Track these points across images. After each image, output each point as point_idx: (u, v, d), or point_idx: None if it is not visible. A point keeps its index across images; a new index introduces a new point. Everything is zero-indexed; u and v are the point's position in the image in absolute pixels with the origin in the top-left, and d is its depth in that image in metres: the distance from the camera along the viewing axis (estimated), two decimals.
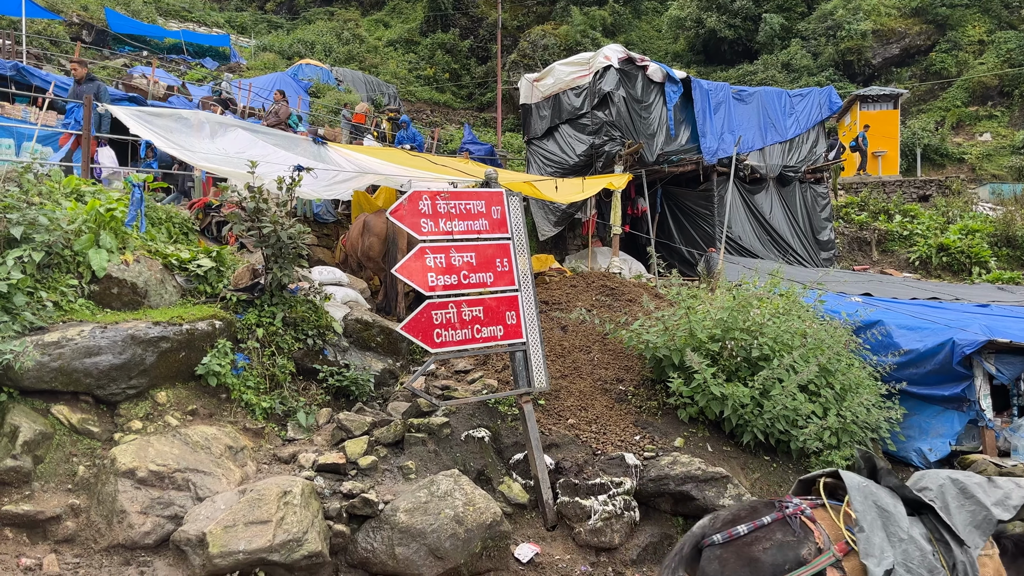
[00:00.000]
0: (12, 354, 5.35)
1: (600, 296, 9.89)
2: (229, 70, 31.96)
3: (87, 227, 6.87)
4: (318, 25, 42.91)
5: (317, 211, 13.27)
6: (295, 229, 7.37)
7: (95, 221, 7.00)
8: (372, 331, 8.27)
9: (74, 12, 32.03)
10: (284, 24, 44.86)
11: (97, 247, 6.81)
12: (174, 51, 33.31)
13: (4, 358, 5.29)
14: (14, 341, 5.52)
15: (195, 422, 6.30)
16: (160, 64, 27.45)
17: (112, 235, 7.03)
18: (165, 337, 6.30)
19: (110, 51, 30.88)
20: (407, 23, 44.00)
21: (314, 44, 39.58)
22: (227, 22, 43.57)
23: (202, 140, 9.87)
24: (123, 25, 32.17)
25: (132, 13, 35.39)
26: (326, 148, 11.48)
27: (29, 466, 5.28)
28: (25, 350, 5.46)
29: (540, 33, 35.92)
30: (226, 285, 7.49)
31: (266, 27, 44.37)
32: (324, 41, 40.03)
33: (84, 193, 7.75)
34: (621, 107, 13.99)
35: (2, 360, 5.28)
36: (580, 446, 6.80)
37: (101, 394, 5.98)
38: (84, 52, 27.52)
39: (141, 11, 36.81)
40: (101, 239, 6.87)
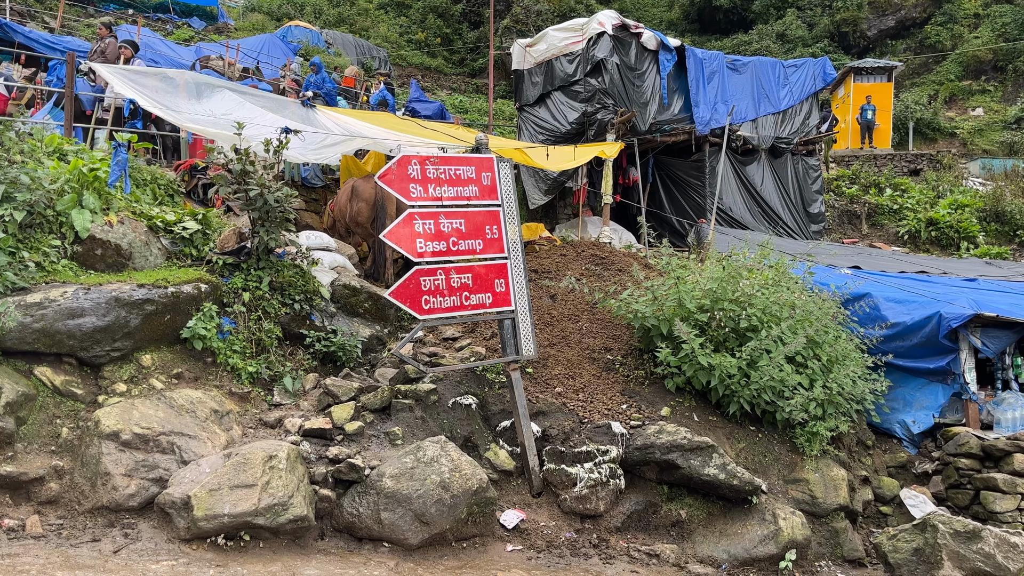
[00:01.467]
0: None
1: (590, 265, 9.86)
2: (216, 31, 31.40)
3: (70, 187, 6.76)
4: None
5: (305, 175, 13.12)
6: (282, 192, 7.28)
7: (78, 181, 6.88)
8: (360, 297, 8.22)
9: None
10: None
11: (80, 207, 6.70)
12: (160, 10, 32.61)
13: None
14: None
15: (180, 385, 6.26)
16: (146, 23, 26.91)
17: (96, 195, 6.92)
18: (150, 300, 6.23)
19: (95, 8, 30.20)
20: None
21: (304, 5, 38.85)
22: None
23: (188, 101, 9.69)
24: None
25: None
26: (315, 111, 11.30)
27: (12, 427, 5.23)
28: (7, 311, 5.39)
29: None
30: (212, 248, 7.42)
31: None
32: (314, 3, 39.30)
33: (67, 152, 7.61)
34: (614, 74, 13.83)
35: None
36: (567, 414, 6.81)
37: (85, 356, 5.93)
38: (68, 9, 26.97)
39: None
40: (84, 199, 6.76)
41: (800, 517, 6.51)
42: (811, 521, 6.72)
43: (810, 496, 6.91)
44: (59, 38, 17.18)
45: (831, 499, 6.94)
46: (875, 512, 7.79)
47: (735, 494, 6.40)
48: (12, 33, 16.15)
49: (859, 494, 7.46)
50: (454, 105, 31.89)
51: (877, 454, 8.44)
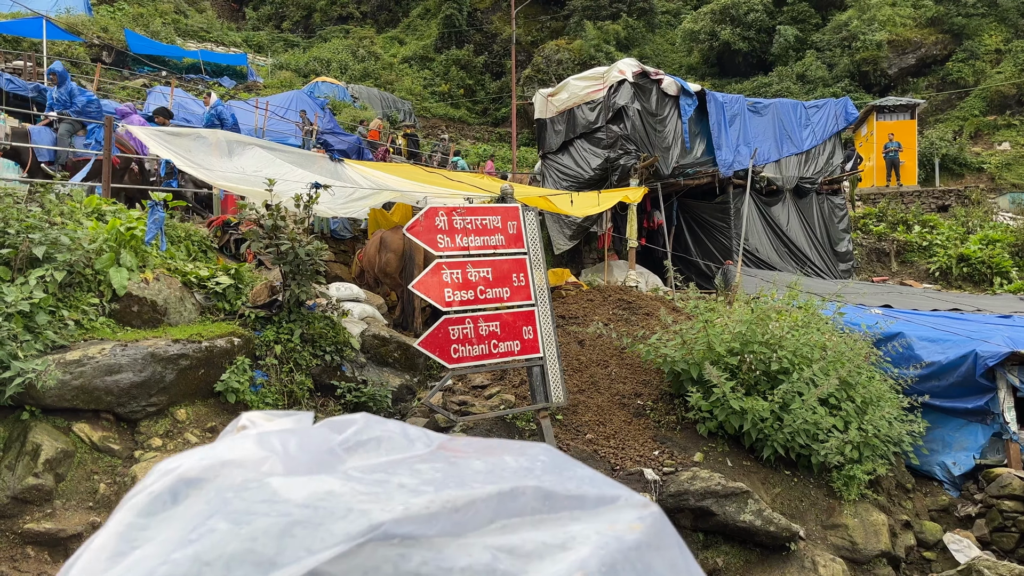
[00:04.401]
0: (35, 373, 5.40)
1: (617, 310, 9.86)
2: (246, 89, 32.31)
3: (108, 246, 6.95)
4: (334, 43, 43.30)
5: (334, 228, 13.34)
6: (313, 246, 7.41)
7: (116, 240, 7.08)
8: (389, 347, 8.29)
9: (94, 34, 32.51)
10: (300, 43, 45.33)
11: (118, 266, 6.88)
12: (192, 71, 33.72)
13: (27, 377, 5.34)
14: (36, 360, 5.57)
15: (214, 439, 6.31)
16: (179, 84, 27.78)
17: (132, 254, 7.10)
18: (184, 355, 6.34)
19: (130, 72, 31.30)
20: (422, 40, 44.32)
21: (330, 62, 39.94)
22: (244, 41, 44.07)
23: (220, 159, 9.96)
24: (142, 46, 32.60)
25: (151, 34, 35.89)
26: (343, 165, 11.55)
27: (51, 484, 5.32)
28: (47, 369, 5.51)
29: (554, 48, 36.09)
30: (244, 302, 7.55)
31: (283, 46, 44.86)
32: (340, 59, 40.38)
33: (105, 212, 7.84)
34: (636, 120, 14.00)
35: (25, 379, 5.33)
36: (598, 461, 6.76)
37: (122, 412, 6.02)
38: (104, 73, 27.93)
39: (160, 32, 37.29)
40: (122, 258, 6.94)
41: (841, 564, 6.37)
42: (852, 568, 6.57)
43: (850, 542, 6.76)
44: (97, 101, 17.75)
45: (872, 545, 6.78)
46: (918, 558, 7.59)
47: (772, 541, 6.28)
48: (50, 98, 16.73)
49: (901, 539, 7.29)
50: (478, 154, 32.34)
51: (918, 497, 8.26)
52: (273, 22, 48.24)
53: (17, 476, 5.22)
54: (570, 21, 39.35)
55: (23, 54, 26.45)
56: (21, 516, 5.19)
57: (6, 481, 5.20)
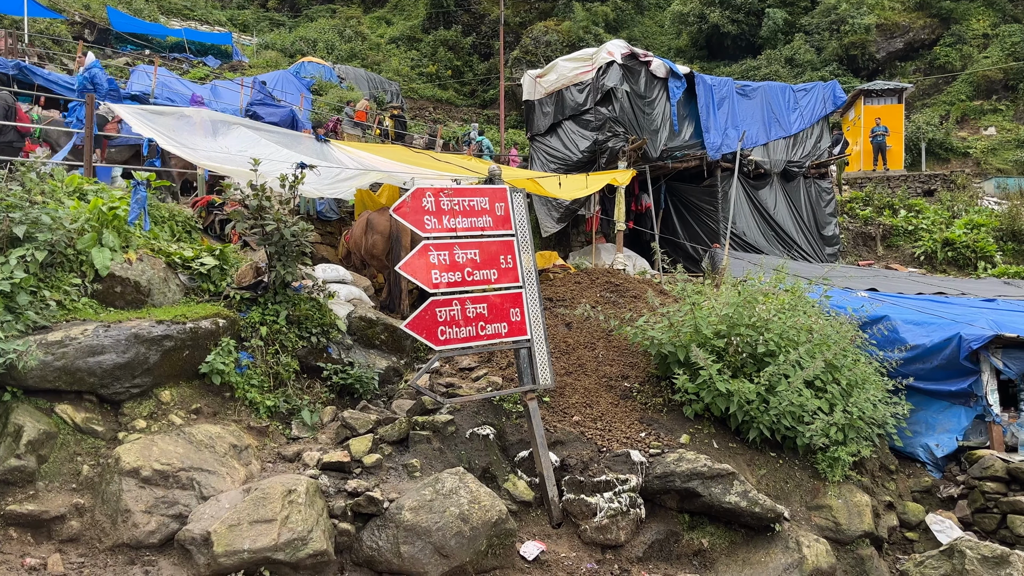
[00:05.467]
0: (15, 353, 5.34)
1: (605, 293, 9.86)
2: (231, 68, 31.92)
3: (90, 226, 6.85)
4: (320, 23, 42.85)
5: (320, 209, 13.25)
6: (298, 227, 7.35)
7: (98, 220, 6.98)
8: (376, 329, 8.25)
9: (76, 11, 32.01)
10: (286, 22, 44.83)
11: (100, 246, 6.79)
12: (176, 49, 33.27)
13: (7, 358, 5.28)
14: (17, 340, 5.50)
15: (199, 421, 6.28)
16: (163, 63, 27.41)
17: (115, 234, 7.01)
18: (168, 336, 6.28)
19: (112, 50, 30.84)
20: (409, 20, 43.93)
21: (316, 42, 39.52)
22: (229, 20, 43.52)
23: (205, 138, 9.85)
24: (125, 24, 32.15)
25: (134, 12, 35.36)
26: (329, 146, 11.46)
27: (33, 466, 5.27)
28: (28, 349, 5.44)
29: (543, 29, 35.87)
30: (229, 283, 7.48)
31: (268, 25, 44.34)
32: (326, 39, 39.97)
33: (87, 192, 7.73)
34: (624, 103, 13.94)
35: (5, 360, 5.26)
36: (585, 443, 6.77)
37: (105, 393, 5.97)
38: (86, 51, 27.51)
39: (143, 10, 36.76)
40: (104, 238, 6.85)
41: (824, 544, 6.42)
42: (836, 548, 6.63)
43: (834, 523, 6.82)
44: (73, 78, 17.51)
45: (855, 525, 6.84)
46: (901, 538, 7.67)
47: (757, 521, 6.32)
48: (32, 76, 16.50)
49: (884, 520, 7.35)
50: None
51: (901, 479, 8.33)
52: (258, 1, 47.67)
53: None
54: (559, 2, 39.09)
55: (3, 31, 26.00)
56: (3, 498, 5.14)
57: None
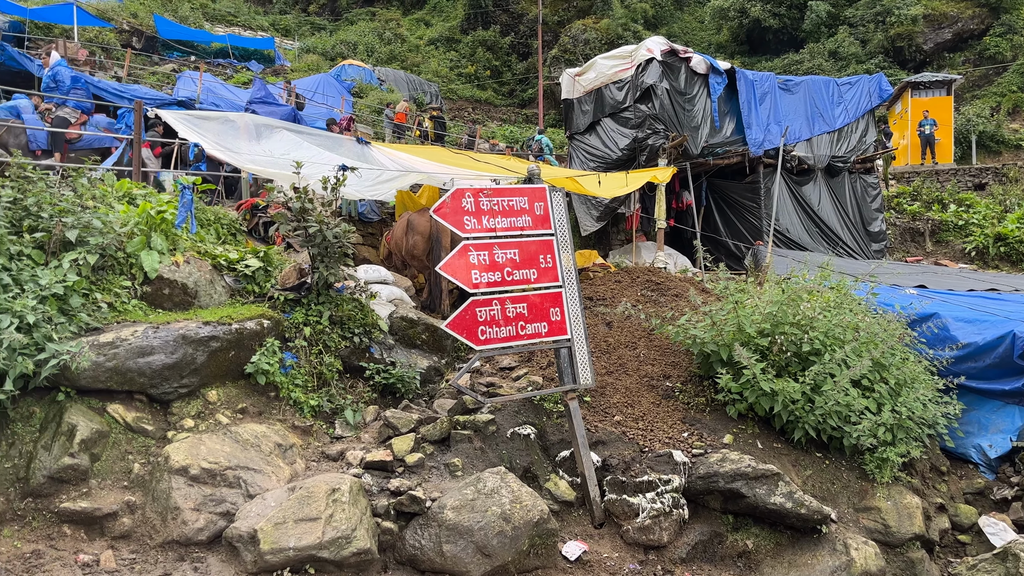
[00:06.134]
0: (69, 355, 5.48)
1: (645, 291, 9.79)
2: (274, 72, 32.43)
3: (139, 229, 7.02)
4: (360, 26, 43.30)
5: (362, 210, 13.38)
6: (340, 228, 7.43)
7: (147, 223, 7.15)
8: (417, 328, 8.30)
9: (124, 19, 32.82)
10: (327, 26, 45.37)
11: (149, 249, 6.95)
12: (220, 55, 33.94)
13: (61, 359, 5.42)
14: (71, 342, 5.65)
15: (245, 420, 6.39)
16: (208, 68, 27.96)
17: (163, 237, 7.17)
18: (215, 336, 6.40)
19: (159, 57, 31.56)
20: (448, 21, 44.15)
21: (356, 45, 39.96)
22: (271, 25, 44.22)
23: (248, 142, 10.01)
24: (171, 31, 32.88)
25: (180, 19, 36.15)
26: (370, 148, 11.55)
27: (86, 464, 5.41)
28: (81, 351, 5.59)
29: (581, 28, 35.75)
30: (273, 285, 7.59)
31: (309, 29, 44.93)
32: (366, 41, 40.39)
33: (136, 196, 7.92)
34: (664, 100, 13.83)
35: (59, 360, 5.41)
36: (627, 443, 6.74)
37: (154, 393, 6.10)
38: (134, 59, 28.18)
39: (189, 17, 37.55)
40: (152, 241, 7.01)
41: (873, 547, 6.29)
42: (885, 551, 6.49)
43: (883, 525, 6.68)
44: (127, 87, 17.97)
45: (905, 528, 6.69)
46: (953, 541, 7.47)
47: (803, 523, 6.22)
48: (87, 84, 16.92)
49: (935, 522, 7.18)
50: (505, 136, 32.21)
51: (952, 480, 8.12)
52: (300, 5, 48.33)
53: (53, 456, 5.31)
54: (597, 0, 38.92)
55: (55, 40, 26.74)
56: (57, 495, 5.29)
57: (43, 461, 5.29)
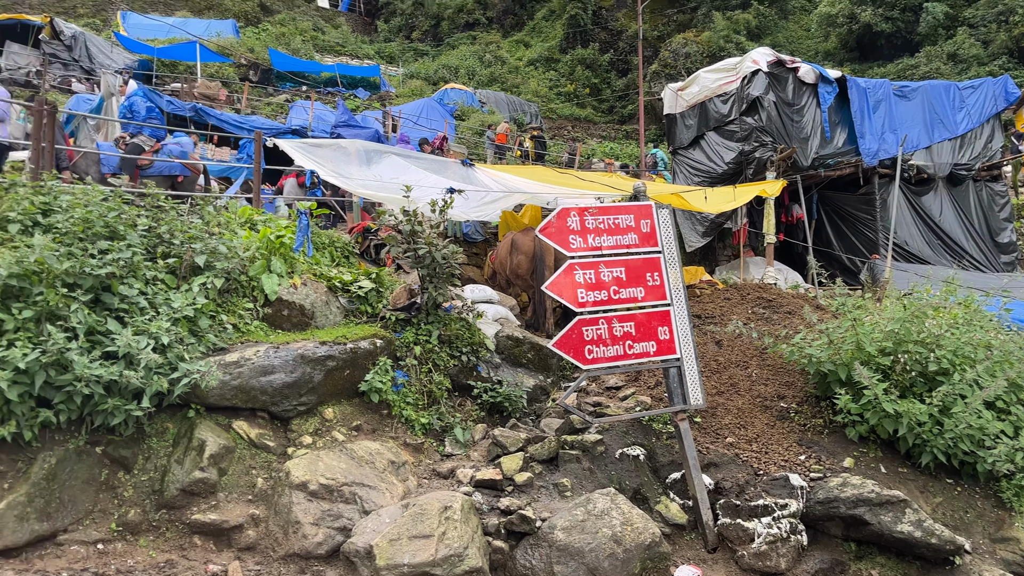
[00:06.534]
0: (199, 373, 5.80)
1: (756, 309, 9.53)
2: (380, 99, 33.52)
3: (260, 254, 7.37)
4: (461, 50, 44.25)
5: (466, 231, 13.61)
6: (449, 250, 7.58)
7: (267, 248, 7.50)
8: (523, 347, 8.36)
9: (242, 54, 34.71)
10: (430, 51, 46.60)
11: (269, 272, 7.29)
12: (329, 84, 35.34)
13: (192, 377, 5.74)
14: (200, 361, 5.98)
15: (359, 437, 6.58)
16: (317, 97, 29.18)
17: (282, 260, 7.50)
18: (331, 356, 6.63)
19: (273, 88, 33.19)
20: (547, 41, 44.55)
21: (458, 68, 40.85)
22: (377, 53, 45.79)
23: (359, 167, 10.37)
24: (285, 63, 34.50)
25: (292, 51, 37.93)
26: (474, 169, 11.76)
27: (215, 478, 5.69)
28: (210, 370, 5.90)
29: (681, 41, 35.37)
30: (385, 305, 7.81)
31: (413, 55, 46.26)
32: (467, 65, 41.23)
33: (256, 222, 8.33)
34: (771, 111, 13.48)
35: (191, 379, 5.73)
36: (740, 466, 6.55)
37: (275, 410, 6.37)
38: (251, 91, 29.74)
39: (300, 49, 39.35)
40: (272, 264, 7.35)
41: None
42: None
43: (1022, 557, 6.22)
44: (246, 118, 19.00)
45: None
46: None
47: (934, 554, 5.86)
48: (206, 116, 18.03)
49: None
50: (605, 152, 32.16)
51: None
52: (403, 33, 49.84)
53: (185, 470, 5.61)
54: (697, 13, 38.44)
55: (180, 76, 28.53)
56: (189, 507, 5.58)
57: (175, 474, 5.61)
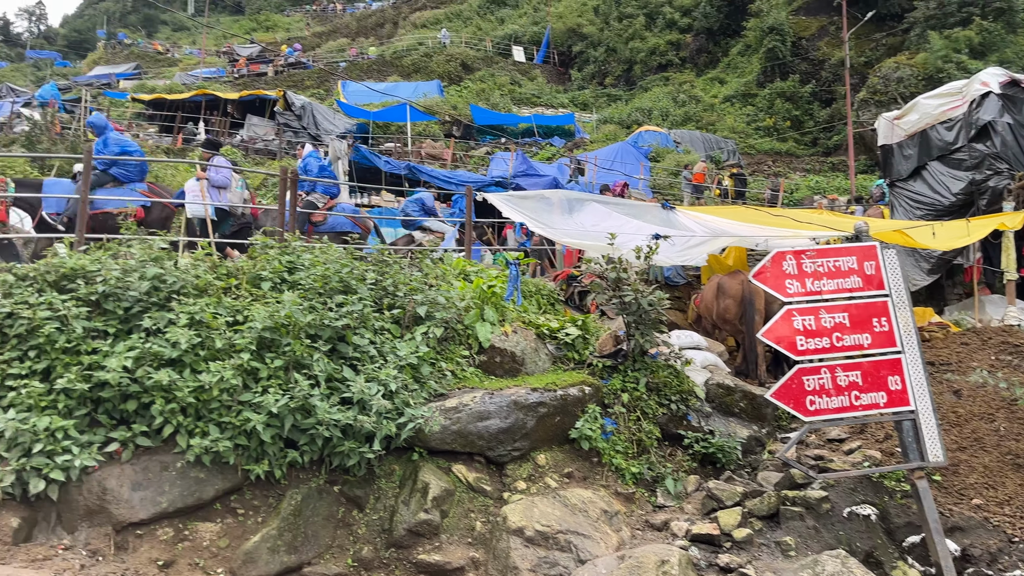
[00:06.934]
0: (423, 419, 6.13)
1: (1000, 355, 8.58)
2: (575, 145, 34.25)
3: (474, 303, 7.73)
4: (654, 92, 44.30)
5: (668, 274, 13.47)
6: (655, 296, 7.53)
7: (480, 298, 7.85)
8: (734, 396, 8.08)
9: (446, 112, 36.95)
10: (622, 96, 47.07)
11: (482, 321, 7.61)
12: (526, 134, 36.67)
13: (417, 422, 6.08)
14: (423, 407, 6.33)
15: (571, 485, 6.62)
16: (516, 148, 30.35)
17: (494, 309, 7.81)
18: (542, 403, 6.77)
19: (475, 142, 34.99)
20: (743, 77, 43.52)
21: (651, 110, 40.88)
22: (571, 101, 46.94)
23: (562, 216, 10.63)
24: (485, 118, 36.31)
25: (491, 106, 39.84)
26: (675, 212, 11.67)
27: (438, 520, 5.96)
28: (432, 415, 6.23)
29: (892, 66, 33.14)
30: (592, 352, 7.88)
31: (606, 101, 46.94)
32: (661, 106, 41.17)
33: (469, 273, 8.75)
34: (1006, 136, 12.25)
35: (416, 424, 6.07)
36: (991, 531, 5.88)
37: (491, 455, 6.58)
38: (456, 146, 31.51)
39: (499, 103, 41.25)
40: (485, 313, 7.67)
41: None
42: None
43: None
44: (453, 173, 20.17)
45: None
46: None
47: None
48: (418, 173, 19.34)
49: None
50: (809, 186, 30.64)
51: None
52: (596, 79, 50.75)
53: (411, 511, 5.93)
54: (910, 34, 35.92)
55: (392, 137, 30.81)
56: (414, 547, 5.87)
57: (402, 515, 5.93)
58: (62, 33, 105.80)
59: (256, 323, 6.04)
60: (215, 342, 5.90)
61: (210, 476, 5.65)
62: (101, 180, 10.61)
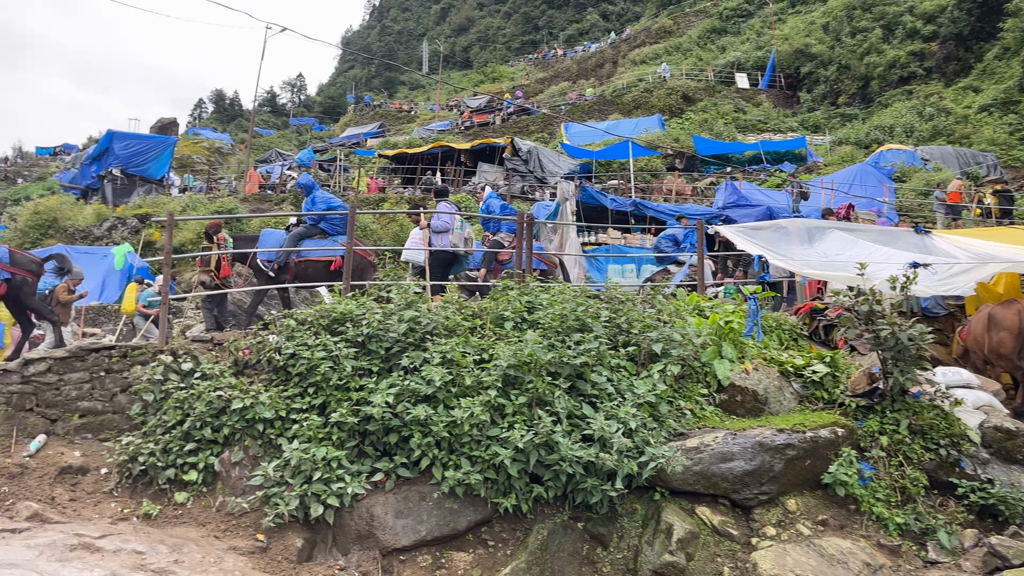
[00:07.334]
0: (664, 458, 6.04)
1: None
2: (807, 170, 32.49)
3: (711, 340, 7.53)
4: (896, 107, 41.01)
5: (925, 304, 12.27)
6: (916, 330, 6.90)
7: (716, 334, 7.64)
8: (1017, 441, 7.13)
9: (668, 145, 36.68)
10: (858, 114, 44.03)
11: (720, 358, 7.39)
12: (753, 162, 35.36)
13: (658, 462, 6.00)
14: (664, 446, 6.24)
15: (826, 533, 6.18)
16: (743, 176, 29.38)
17: (732, 346, 7.56)
18: (790, 444, 6.41)
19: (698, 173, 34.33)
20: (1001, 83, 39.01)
21: (893, 127, 37.81)
22: (800, 124, 44.68)
23: (801, 246, 10.10)
24: (708, 148, 35.55)
25: (715, 135, 38.97)
26: (930, 237, 10.66)
27: (683, 562, 5.81)
28: (674, 455, 6.12)
29: None
30: (843, 391, 7.36)
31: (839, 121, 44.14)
32: (904, 122, 37.95)
33: (703, 308, 8.55)
34: None
35: (657, 463, 5.99)
36: None
37: (736, 498, 6.32)
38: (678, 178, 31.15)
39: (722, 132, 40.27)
40: (723, 350, 7.44)
41: None
42: None
43: None
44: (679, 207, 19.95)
45: None
46: None
47: None
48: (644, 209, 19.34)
49: None
50: None
51: None
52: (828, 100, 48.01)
53: (655, 552, 5.83)
54: None
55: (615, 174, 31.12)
56: None
57: (647, 555, 5.85)
58: (318, 100, 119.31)
59: (501, 361, 6.32)
60: (464, 379, 6.25)
61: (463, 507, 5.96)
62: (310, 233, 11.47)
